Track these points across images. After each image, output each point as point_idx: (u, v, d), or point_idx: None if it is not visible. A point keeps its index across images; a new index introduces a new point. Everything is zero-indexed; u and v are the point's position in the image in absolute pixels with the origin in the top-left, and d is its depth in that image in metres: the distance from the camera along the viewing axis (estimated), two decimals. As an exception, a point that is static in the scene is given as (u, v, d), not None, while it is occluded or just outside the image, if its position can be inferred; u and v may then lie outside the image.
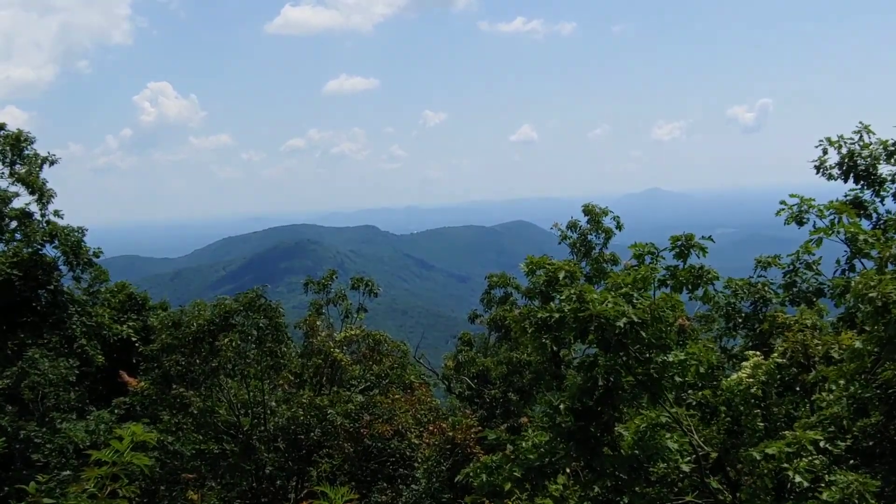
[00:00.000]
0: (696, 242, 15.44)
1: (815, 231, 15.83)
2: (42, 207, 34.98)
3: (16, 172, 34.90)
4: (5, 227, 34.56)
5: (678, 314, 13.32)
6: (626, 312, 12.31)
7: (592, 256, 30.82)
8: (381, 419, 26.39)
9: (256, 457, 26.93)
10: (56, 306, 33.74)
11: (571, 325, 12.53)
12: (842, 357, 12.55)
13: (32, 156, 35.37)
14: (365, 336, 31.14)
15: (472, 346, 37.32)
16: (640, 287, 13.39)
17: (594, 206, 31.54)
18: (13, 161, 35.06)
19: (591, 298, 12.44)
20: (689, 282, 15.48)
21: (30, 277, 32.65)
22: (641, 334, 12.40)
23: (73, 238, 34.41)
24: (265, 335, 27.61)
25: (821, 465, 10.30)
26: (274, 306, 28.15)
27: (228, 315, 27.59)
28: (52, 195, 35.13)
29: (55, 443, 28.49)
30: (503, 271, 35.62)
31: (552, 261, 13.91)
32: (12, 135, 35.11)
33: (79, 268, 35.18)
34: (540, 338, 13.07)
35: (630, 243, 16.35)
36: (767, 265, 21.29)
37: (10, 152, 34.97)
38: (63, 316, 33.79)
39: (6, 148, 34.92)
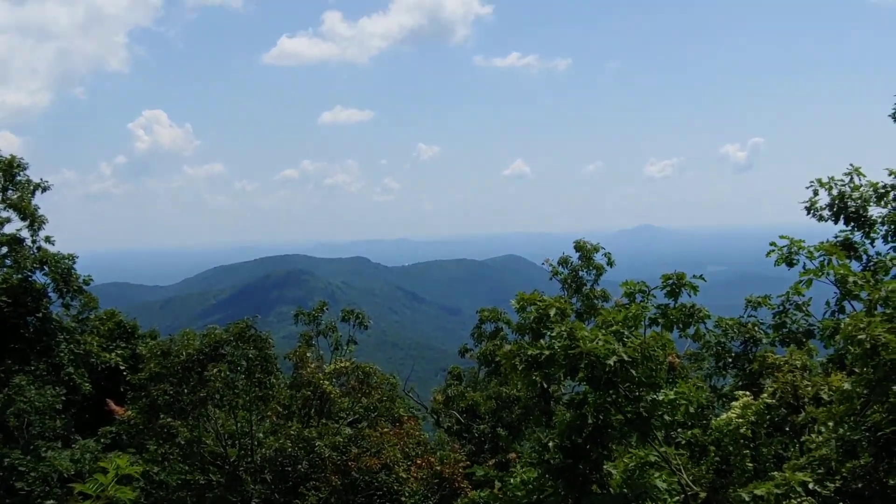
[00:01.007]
0: (687, 282, 15.47)
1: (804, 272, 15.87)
2: (33, 234, 34.93)
3: (8, 198, 34.87)
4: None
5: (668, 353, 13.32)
6: (616, 350, 12.32)
7: (583, 293, 30.85)
8: (370, 452, 26.22)
9: (243, 488, 26.70)
10: (44, 333, 33.59)
11: (562, 363, 12.53)
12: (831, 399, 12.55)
13: (25, 182, 35.36)
14: (354, 368, 31.02)
15: (461, 380, 37.23)
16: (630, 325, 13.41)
17: (585, 243, 31.62)
18: (5, 187, 35.04)
19: (581, 336, 12.45)
20: (679, 321, 15.48)
21: (19, 304, 32.53)
22: (631, 372, 12.41)
23: (63, 265, 34.34)
24: (254, 366, 27.47)
25: (809, 507, 10.27)
26: (264, 337, 28.03)
27: (218, 345, 27.46)
28: (43, 221, 35.09)
29: (39, 471, 28.23)
30: (494, 306, 35.57)
31: (543, 297, 13.93)
32: (5, 161, 35.13)
33: (68, 295, 35.07)
34: (530, 374, 13.05)
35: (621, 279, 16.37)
36: (758, 305, 21.36)
37: (3, 178, 34.96)
38: (51, 343, 33.63)
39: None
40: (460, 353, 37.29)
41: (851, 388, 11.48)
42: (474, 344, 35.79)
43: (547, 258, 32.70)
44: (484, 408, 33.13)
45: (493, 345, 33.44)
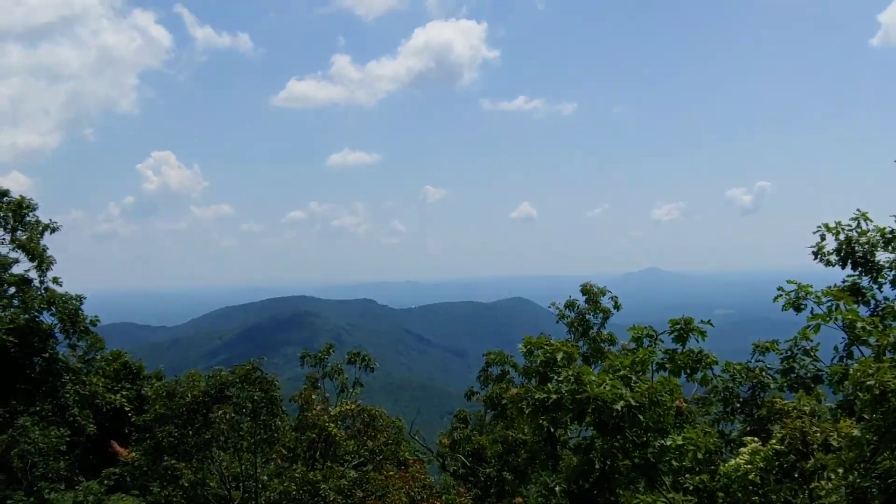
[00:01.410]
0: (695, 326, 15.44)
1: (812, 317, 15.83)
2: (41, 274, 35.13)
3: (17, 239, 35.12)
4: (3, 293, 34.66)
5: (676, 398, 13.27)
6: (623, 395, 12.29)
7: (590, 336, 30.72)
8: (375, 496, 26.04)
9: (246, 532, 26.52)
10: (50, 374, 33.62)
11: (569, 407, 12.50)
12: (840, 445, 12.44)
13: (34, 222, 35.64)
14: (360, 411, 30.88)
15: (467, 423, 36.98)
16: (638, 370, 13.39)
17: (592, 286, 31.54)
18: (14, 227, 35.31)
19: (588, 380, 12.43)
20: (687, 366, 15.44)
21: (25, 344, 32.59)
22: (639, 417, 12.37)
23: (70, 306, 34.47)
24: (260, 408, 27.39)
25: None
26: (270, 379, 27.98)
27: (224, 387, 27.42)
28: (51, 262, 35.32)
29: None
30: (501, 349, 35.39)
31: (550, 341, 13.94)
32: (15, 201, 35.43)
33: (75, 335, 35.18)
34: (537, 418, 13.03)
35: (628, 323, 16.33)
36: (765, 350, 21.23)
37: (12, 218, 35.24)
38: (57, 384, 33.65)
39: (8, 214, 35.21)
40: (466, 397, 37.09)
41: (861, 434, 11.40)
42: (480, 387, 35.60)
43: (554, 301, 32.60)
44: (490, 451, 32.89)
45: (499, 388, 33.27)
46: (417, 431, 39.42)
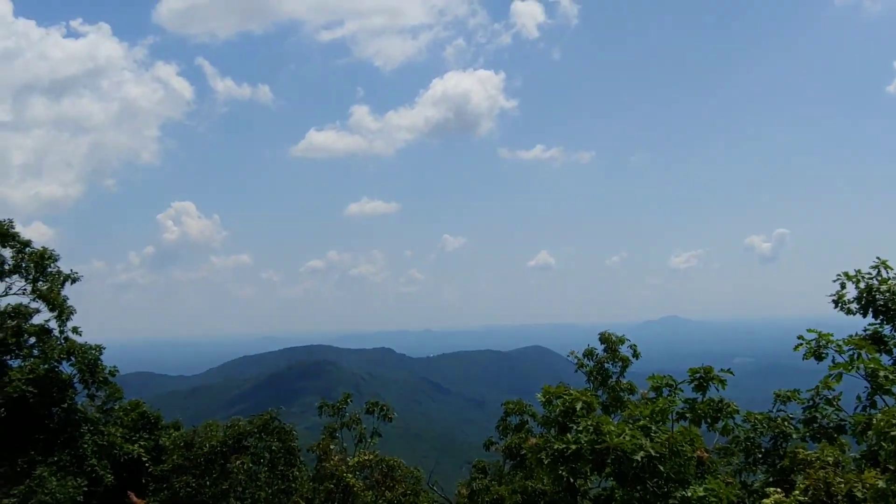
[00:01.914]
0: (715, 375, 15.41)
1: (834, 366, 15.73)
2: (61, 324, 35.30)
3: (38, 289, 35.39)
4: (24, 343, 34.84)
5: (697, 448, 13.16)
6: (643, 446, 12.22)
7: (609, 385, 30.51)
8: (393, 548, 25.84)
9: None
10: (69, 424, 33.62)
11: (588, 457, 12.43)
12: (865, 496, 12.27)
13: (55, 273, 35.93)
14: (378, 461, 30.73)
15: (486, 473, 36.67)
16: (658, 419, 13.32)
17: (611, 334, 31.40)
18: (36, 278, 35.60)
19: (608, 430, 12.37)
20: (708, 415, 15.37)
21: (44, 394, 32.65)
22: (659, 468, 12.27)
23: (90, 356, 34.57)
24: (278, 458, 27.36)
25: None
26: (288, 429, 28.01)
27: (241, 437, 27.43)
28: (71, 312, 35.49)
29: (59, 565, 27.98)
30: (519, 398, 35.20)
31: (569, 390, 13.89)
32: (37, 252, 35.75)
33: (94, 385, 35.24)
34: (556, 468, 12.95)
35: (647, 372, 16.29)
36: (787, 399, 21.02)
37: (34, 269, 35.54)
38: (75, 434, 33.64)
39: (30, 265, 35.53)
40: (485, 447, 36.83)
41: (886, 486, 11.25)
42: (499, 437, 35.36)
43: (572, 350, 32.45)
44: (509, 502, 32.58)
45: (518, 438, 33.04)
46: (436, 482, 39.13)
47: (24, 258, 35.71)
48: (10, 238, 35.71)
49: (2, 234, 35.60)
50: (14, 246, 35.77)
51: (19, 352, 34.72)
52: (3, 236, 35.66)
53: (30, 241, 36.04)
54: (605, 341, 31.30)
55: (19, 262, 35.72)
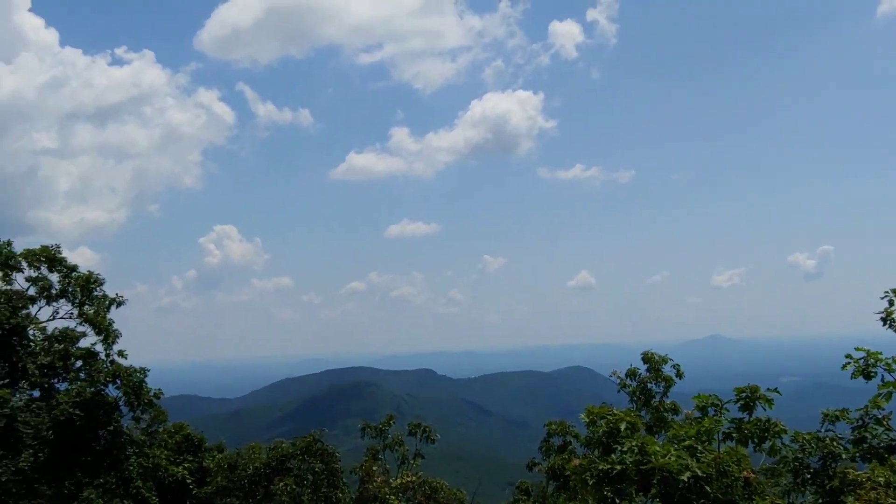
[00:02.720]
0: (761, 395, 15.21)
1: (883, 385, 15.50)
2: (107, 347, 35.63)
3: (84, 313, 35.81)
4: (71, 367, 35.22)
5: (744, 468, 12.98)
6: (689, 466, 12.09)
7: (653, 405, 30.25)
8: (437, 571, 25.73)
9: None
10: (114, 447, 33.88)
11: (633, 478, 12.32)
12: (919, 518, 12.04)
13: (101, 297, 36.34)
14: (421, 483, 30.67)
15: (529, 495, 36.48)
16: (703, 440, 13.16)
17: (653, 354, 31.15)
18: (82, 302, 36.04)
19: (653, 451, 12.25)
20: (754, 435, 15.15)
21: (91, 417, 32.94)
22: (706, 489, 12.13)
23: (135, 379, 34.84)
24: (321, 480, 27.41)
25: None
26: (330, 451, 28.06)
27: (285, 459, 27.53)
28: (117, 336, 35.83)
29: (106, 587, 28.16)
30: (562, 419, 35.02)
31: (613, 411, 13.78)
32: (83, 276, 36.21)
33: (139, 408, 35.49)
34: (601, 490, 12.83)
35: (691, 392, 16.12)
36: (835, 419, 20.69)
37: (80, 293, 36.00)
38: (121, 457, 33.89)
39: (76, 289, 35.98)
40: (528, 468, 36.65)
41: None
42: (542, 458, 35.19)
43: (614, 370, 32.22)
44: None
45: (561, 459, 32.85)
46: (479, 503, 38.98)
47: (70, 283, 36.18)
48: (57, 263, 36.21)
49: (49, 259, 36.12)
50: (61, 271, 36.26)
51: (66, 375, 35.11)
52: (50, 261, 36.18)
53: (76, 266, 36.53)
54: (647, 361, 31.06)
55: (66, 286, 36.20)
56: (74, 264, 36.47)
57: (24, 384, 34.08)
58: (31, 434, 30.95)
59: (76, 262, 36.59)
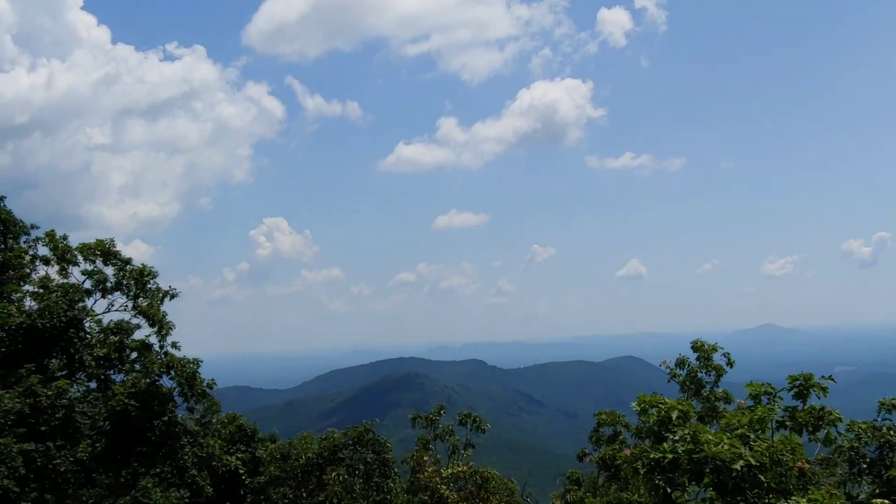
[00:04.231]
0: (815, 383, 14.98)
1: (942, 372, 15.17)
2: (161, 339, 36.01)
3: (138, 305, 36.24)
4: (126, 358, 35.67)
5: (798, 457, 12.82)
6: (743, 455, 11.97)
7: (703, 395, 29.93)
8: (488, 560, 25.75)
9: None
10: (169, 436, 34.26)
11: (686, 467, 12.23)
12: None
13: (154, 290, 36.73)
14: (472, 473, 30.67)
15: (580, 485, 36.30)
16: (757, 428, 13.02)
17: (703, 343, 30.76)
18: (137, 294, 36.46)
19: (705, 439, 12.15)
20: (809, 423, 14.93)
21: (146, 408, 33.32)
22: (760, 478, 12.00)
23: (188, 370, 35.17)
24: (373, 470, 27.55)
25: None
26: (382, 441, 28.18)
27: (336, 449, 27.70)
28: (171, 327, 36.21)
29: (163, 574, 28.55)
30: (612, 409, 34.77)
31: (665, 400, 13.69)
32: (137, 269, 36.61)
33: (193, 399, 35.83)
34: (653, 479, 12.77)
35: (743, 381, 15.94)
36: (892, 408, 20.36)
37: (134, 286, 36.41)
38: (176, 446, 34.27)
39: (131, 282, 36.40)
40: (579, 458, 36.46)
41: None
42: (593, 448, 35.00)
43: (664, 360, 31.93)
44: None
45: (612, 449, 32.66)
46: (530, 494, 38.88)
47: (125, 276, 36.61)
48: (111, 256, 36.67)
49: (104, 252, 36.61)
50: (115, 264, 36.70)
51: (122, 366, 35.56)
52: (105, 255, 36.66)
53: (130, 259, 36.95)
54: (697, 350, 30.71)
55: (121, 279, 36.64)
56: (128, 257, 36.90)
57: (81, 375, 34.61)
58: (89, 424, 31.44)
59: (130, 256, 37.03)
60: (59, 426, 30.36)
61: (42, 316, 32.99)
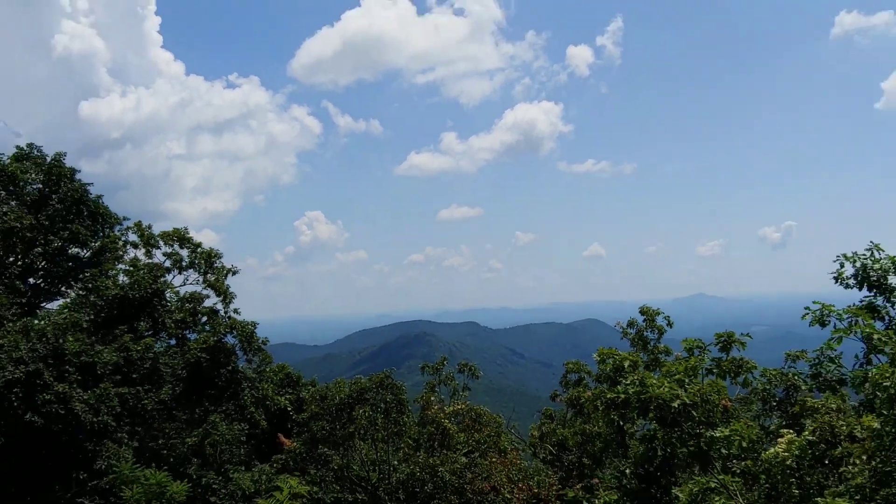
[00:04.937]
0: (736, 338, 15.11)
1: (835, 331, 15.21)
2: (225, 306, 36.12)
3: (207, 280, 36.31)
4: (198, 321, 35.77)
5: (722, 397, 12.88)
6: (679, 395, 12.04)
7: (649, 349, 29.97)
8: (481, 477, 25.85)
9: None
10: (233, 382, 34.43)
11: (635, 405, 12.29)
12: (864, 436, 11.84)
13: (220, 267, 36.78)
14: (468, 410, 30.78)
15: (553, 419, 36.42)
16: (690, 375, 13.07)
17: (649, 308, 30.79)
18: (206, 271, 36.53)
19: (650, 383, 12.21)
20: (731, 371, 15.04)
21: (214, 360, 33.48)
22: (693, 413, 12.07)
23: (247, 330, 35.32)
24: (391, 408, 27.59)
25: (849, 528, 9.63)
26: (398, 385, 28.21)
27: (363, 391, 27.73)
28: (232, 297, 36.32)
29: (228, 489, 28.71)
30: (577, 360, 34.84)
31: (619, 352, 13.75)
32: (206, 252, 36.70)
33: (250, 352, 35.99)
34: (609, 414, 12.85)
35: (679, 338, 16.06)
36: (796, 358, 20.42)
37: (204, 265, 36.48)
38: (238, 390, 34.45)
39: (201, 262, 36.46)
40: (551, 398, 36.58)
41: (881, 427, 10.84)
42: (562, 390, 35.12)
43: (619, 321, 31.95)
44: (571, 442, 32.29)
45: (577, 391, 32.77)
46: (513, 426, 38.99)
47: (196, 257, 36.66)
48: (186, 241, 36.71)
49: (180, 238, 36.64)
50: (189, 247, 36.74)
51: (195, 327, 35.66)
52: (180, 240, 36.71)
53: (200, 243, 36.99)
54: (644, 314, 30.72)
55: (193, 259, 36.68)
56: (199, 242, 36.92)
57: (163, 335, 34.69)
58: (170, 373, 31.53)
59: (200, 241, 37.06)
60: (147, 374, 30.45)
61: (132, 288, 33.06)
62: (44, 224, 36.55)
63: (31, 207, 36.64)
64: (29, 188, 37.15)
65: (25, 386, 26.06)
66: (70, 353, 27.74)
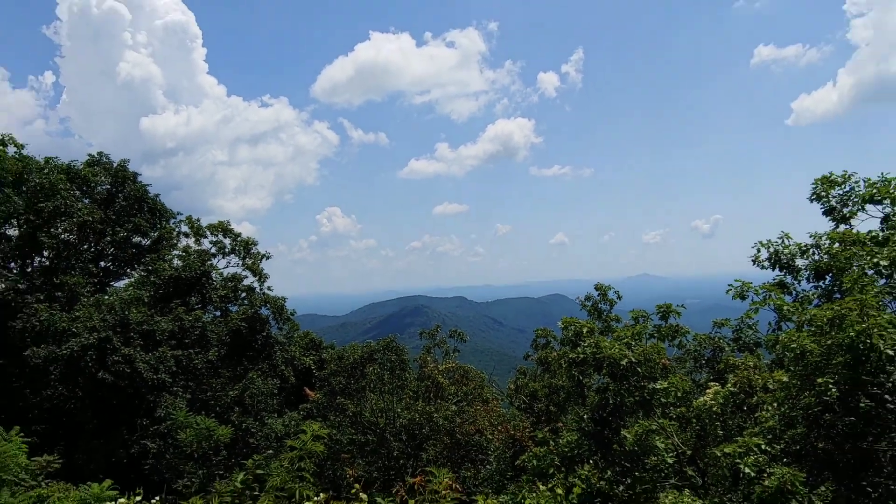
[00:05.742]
0: (673, 309, 15.18)
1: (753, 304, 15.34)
2: (260, 285, 36.13)
3: (246, 263, 36.26)
4: (238, 297, 35.77)
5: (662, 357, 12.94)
6: (627, 355, 12.08)
7: (602, 318, 30.07)
8: (468, 422, 25.94)
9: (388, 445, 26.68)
10: (267, 346, 34.51)
11: (591, 363, 12.35)
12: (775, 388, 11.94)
13: (256, 253, 36.74)
14: (457, 368, 30.83)
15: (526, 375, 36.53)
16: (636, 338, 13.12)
17: (602, 285, 30.85)
18: (244, 256, 36.48)
19: (604, 345, 12.26)
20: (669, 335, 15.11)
21: (251, 328, 33.56)
22: (638, 370, 12.13)
23: (278, 303, 35.35)
24: (395, 366, 27.64)
25: (763, 461, 9.73)
26: (401, 348, 28.26)
27: (372, 353, 27.78)
28: (266, 277, 36.32)
29: (263, 432, 28.79)
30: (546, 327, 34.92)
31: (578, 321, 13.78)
32: (245, 240, 36.62)
33: (281, 322, 36.02)
34: (571, 370, 12.89)
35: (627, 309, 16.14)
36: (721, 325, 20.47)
37: (243, 251, 36.42)
38: (271, 352, 34.51)
39: (241, 248, 36.39)
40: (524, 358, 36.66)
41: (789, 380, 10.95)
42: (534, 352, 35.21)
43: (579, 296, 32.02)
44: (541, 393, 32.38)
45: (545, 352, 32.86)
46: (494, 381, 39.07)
47: (237, 244, 36.60)
48: (228, 232, 36.66)
49: (223, 229, 36.54)
50: (231, 237, 36.69)
51: (236, 302, 35.70)
52: (224, 231, 36.62)
53: (240, 234, 36.95)
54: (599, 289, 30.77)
55: (234, 246, 36.62)
56: (239, 232, 36.89)
57: (210, 307, 34.69)
58: (216, 338, 31.51)
59: (240, 231, 37.05)
60: (196, 340, 30.42)
61: (185, 270, 32.97)
62: (111, 218, 36.35)
63: (101, 204, 36.43)
64: (99, 188, 36.94)
65: (98, 350, 26.02)
66: (134, 323, 27.67)
